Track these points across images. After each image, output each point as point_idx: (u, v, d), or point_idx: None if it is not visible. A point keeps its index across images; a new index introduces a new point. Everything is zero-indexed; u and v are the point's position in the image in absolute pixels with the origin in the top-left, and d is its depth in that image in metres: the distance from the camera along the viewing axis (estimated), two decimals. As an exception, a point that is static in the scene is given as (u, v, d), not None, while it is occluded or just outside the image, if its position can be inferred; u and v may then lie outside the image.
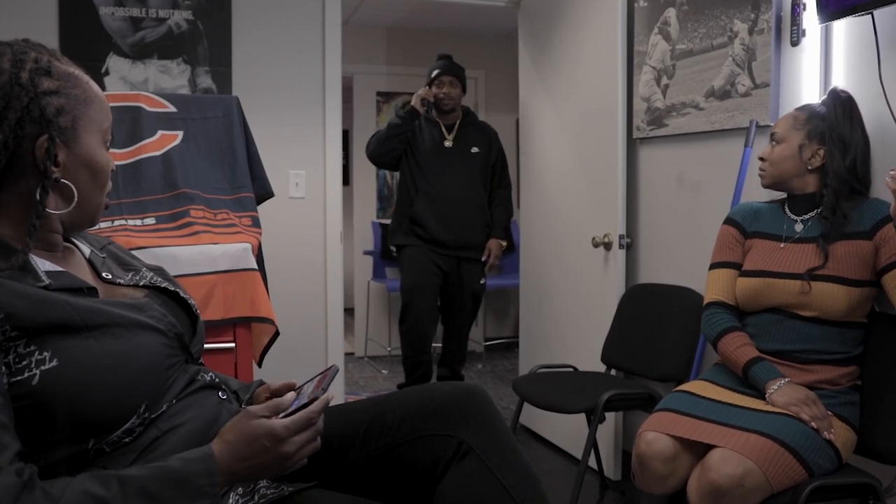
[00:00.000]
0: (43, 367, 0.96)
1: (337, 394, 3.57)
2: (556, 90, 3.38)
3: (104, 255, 1.24)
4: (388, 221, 3.45)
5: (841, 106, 1.95)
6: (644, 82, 2.90)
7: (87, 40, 3.15)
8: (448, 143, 3.77)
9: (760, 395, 1.86)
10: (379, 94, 5.53)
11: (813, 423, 1.73)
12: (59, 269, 1.08)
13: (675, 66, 2.73)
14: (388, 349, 5.41)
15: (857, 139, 1.93)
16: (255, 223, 2.47)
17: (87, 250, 1.22)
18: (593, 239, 2.99)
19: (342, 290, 3.61)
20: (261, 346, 2.31)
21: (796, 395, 1.79)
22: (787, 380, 1.84)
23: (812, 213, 1.98)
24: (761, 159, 2.04)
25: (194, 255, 2.16)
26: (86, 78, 1.13)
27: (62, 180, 1.07)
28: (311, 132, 3.50)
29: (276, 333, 2.31)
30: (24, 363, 0.95)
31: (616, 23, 2.90)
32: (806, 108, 2.02)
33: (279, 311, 2.36)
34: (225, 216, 2.44)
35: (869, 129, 1.97)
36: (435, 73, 3.78)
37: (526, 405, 2.70)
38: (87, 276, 1.15)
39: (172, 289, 1.24)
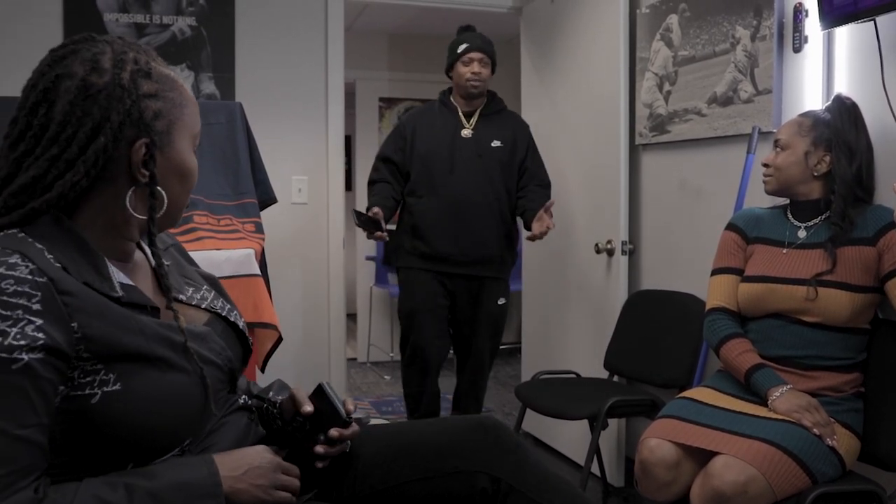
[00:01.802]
0: (105, 389, 0.94)
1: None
2: (558, 96, 3.39)
3: (168, 263, 1.21)
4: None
5: (846, 112, 1.96)
6: (646, 88, 2.91)
7: (90, 46, 3.17)
8: (466, 133, 3.04)
9: (763, 401, 1.86)
10: (381, 99, 5.54)
11: (815, 430, 1.73)
12: (130, 282, 1.05)
13: (678, 73, 2.74)
14: (391, 355, 5.41)
15: (863, 146, 1.94)
16: (259, 229, 2.48)
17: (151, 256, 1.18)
18: (596, 245, 2.99)
19: (344, 296, 3.62)
20: (264, 352, 2.32)
21: (798, 401, 1.79)
22: (789, 386, 1.84)
23: (816, 220, 1.98)
24: (765, 165, 2.04)
25: (198, 261, 2.16)
26: (180, 80, 1.10)
27: (153, 186, 1.04)
28: (313, 138, 3.50)
29: (279, 339, 2.31)
30: (88, 380, 0.94)
31: (618, 29, 2.90)
32: (810, 115, 2.02)
33: (282, 316, 2.36)
34: (228, 222, 2.44)
35: (872, 136, 1.97)
36: (463, 47, 3.04)
37: (528, 411, 2.69)
38: (150, 289, 1.12)
39: (232, 319, 1.22)
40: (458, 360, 3.20)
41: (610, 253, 2.97)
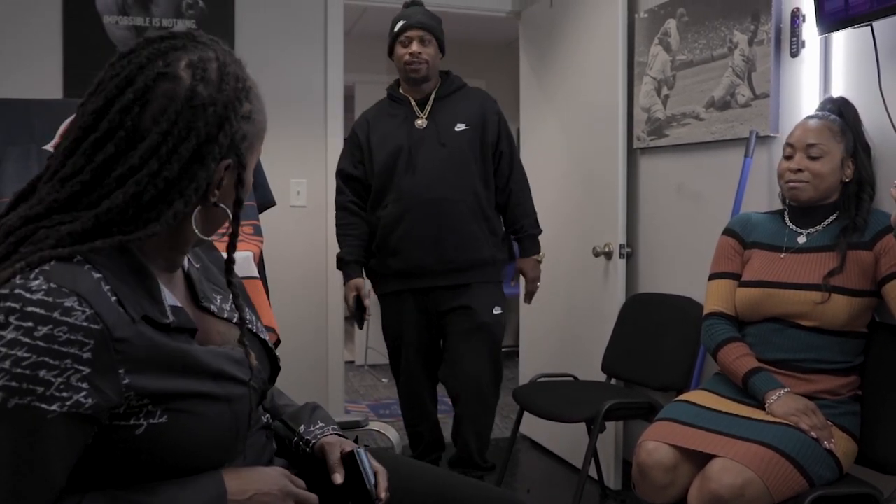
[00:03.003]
0: (151, 421, 0.91)
1: (337, 400, 3.57)
2: (557, 100, 3.40)
3: (198, 266, 1.16)
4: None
5: (856, 114, 1.97)
6: (644, 92, 2.92)
7: (91, 49, 3.17)
8: (420, 123, 2.68)
9: (761, 405, 1.86)
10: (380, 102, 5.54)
11: (812, 433, 1.73)
12: (178, 304, 1.00)
13: (676, 77, 2.75)
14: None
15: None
16: (257, 232, 2.48)
17: (185, 261, 1.13)
18: (594, 248, 3.00)
19: (343, 298, 3.61)
20: (262, 355, 2.31)
21: (795, 405, 1.79)
22: (786, 390, 1.85)
23: (818, 226, 1.97)
24: (799, 170, 1.94)
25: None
26: (263, 101, 1.04)
27: (220, 205, 1.00)
28: (312, 141, 3.51)
29: (278, 341, 2.31)
30: (134, 411, 0.90)
31: (617, 33, 2.91)
32: (829, 118, 1.96)
33: (280, 319, 2.36)
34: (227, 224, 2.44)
35: (869, 139, 1.98)
36: (399, 25, 2.71)
37: (526, 414, 2.70)
38: (182, 296, 1.07)
39: (262, 336, 1.18)
40: (452, 390, 2.74)
41: (608, 256, 2.98)
